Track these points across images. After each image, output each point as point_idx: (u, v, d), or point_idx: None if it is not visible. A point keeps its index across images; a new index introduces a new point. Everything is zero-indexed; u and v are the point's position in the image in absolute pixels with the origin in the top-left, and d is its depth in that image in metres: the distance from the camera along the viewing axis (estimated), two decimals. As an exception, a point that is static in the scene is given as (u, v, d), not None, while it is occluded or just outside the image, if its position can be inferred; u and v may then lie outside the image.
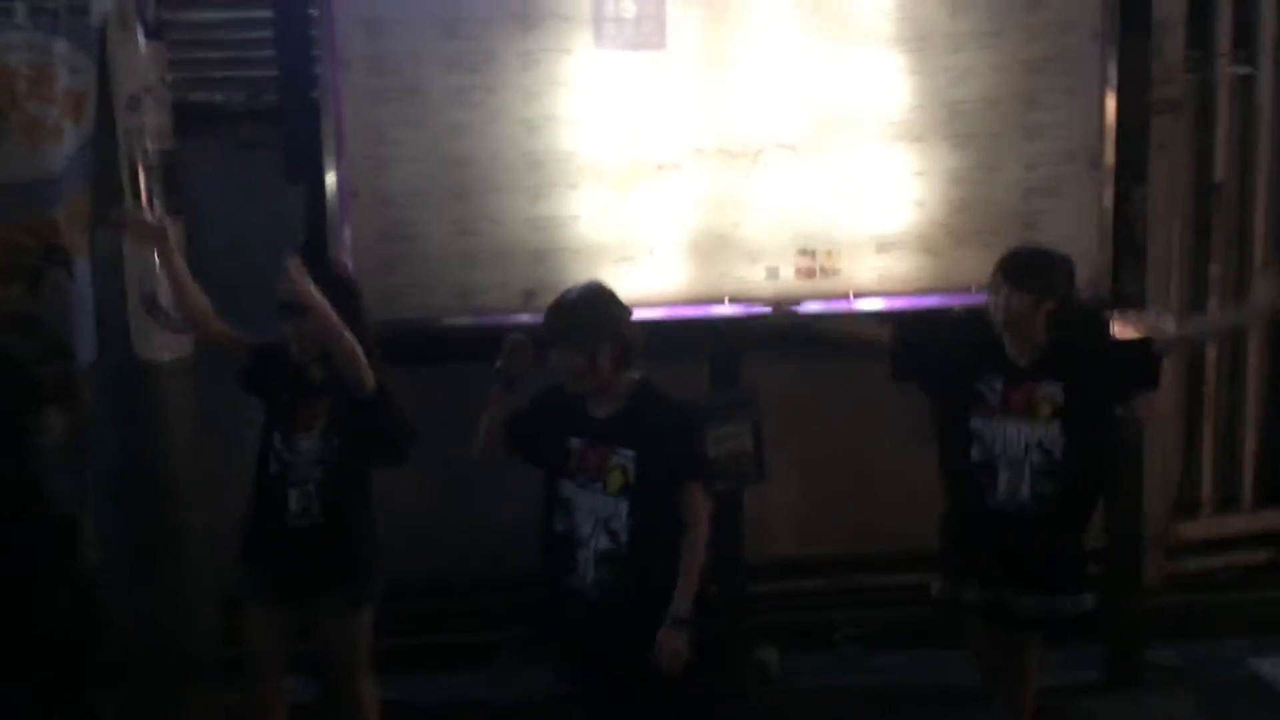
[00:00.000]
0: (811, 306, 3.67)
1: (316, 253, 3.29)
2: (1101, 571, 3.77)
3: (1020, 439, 2.97)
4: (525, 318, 3.39)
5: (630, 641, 2.58)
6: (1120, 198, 3.73)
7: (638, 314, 3.64)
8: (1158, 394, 3.25)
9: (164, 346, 3.29)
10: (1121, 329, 3.46)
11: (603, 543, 2.61)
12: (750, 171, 3.65)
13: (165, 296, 3.24)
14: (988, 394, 3.02)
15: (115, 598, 3.35)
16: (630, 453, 2.61)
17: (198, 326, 3.10)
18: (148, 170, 3.32)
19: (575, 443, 2.67)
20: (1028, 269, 3.01)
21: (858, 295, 3.72)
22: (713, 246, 3.68)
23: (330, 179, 3.52)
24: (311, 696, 3.30)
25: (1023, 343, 3.03)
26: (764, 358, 3.78)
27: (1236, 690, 3.83)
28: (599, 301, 2.72)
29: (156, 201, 3.31)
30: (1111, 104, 3.69)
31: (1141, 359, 3.08)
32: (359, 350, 2.82)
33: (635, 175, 3.63)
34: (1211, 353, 4.35)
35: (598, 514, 2.63)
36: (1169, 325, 3.54)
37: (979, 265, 3.43)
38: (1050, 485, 2.96)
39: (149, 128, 3.28)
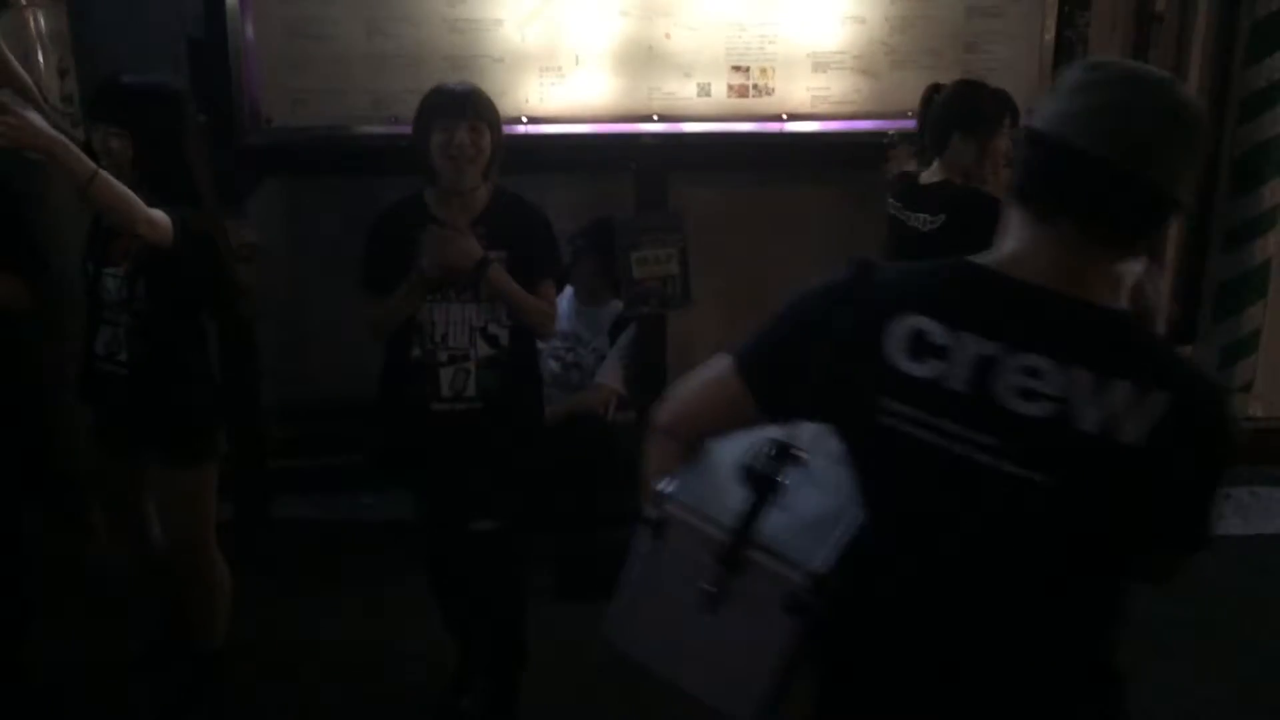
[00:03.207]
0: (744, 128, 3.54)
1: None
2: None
3: None
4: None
5: (512, 440, 2.63)
6: (1062, 24, 3.63)
7: (563, 129, 3.55)
8: None
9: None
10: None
11: (483, 350, 2.54)
12: (685, -22, 3.45)
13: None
14: None
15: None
16: (503, 253, 2.53)
17: None
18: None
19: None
20: None
21: (791, 117, 3.61)
22: (642, 59, 3.50)
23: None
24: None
25: None
26: (691, 179, 3.66)
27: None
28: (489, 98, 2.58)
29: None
30: (1060, -77, 3.55)
31: None
32: (127, 196, 2.31)
33: (563, -24, 3.40)
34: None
35: (472, 323, 2.54)
36: None
37: (916, 88, 3.33)
38: None
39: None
